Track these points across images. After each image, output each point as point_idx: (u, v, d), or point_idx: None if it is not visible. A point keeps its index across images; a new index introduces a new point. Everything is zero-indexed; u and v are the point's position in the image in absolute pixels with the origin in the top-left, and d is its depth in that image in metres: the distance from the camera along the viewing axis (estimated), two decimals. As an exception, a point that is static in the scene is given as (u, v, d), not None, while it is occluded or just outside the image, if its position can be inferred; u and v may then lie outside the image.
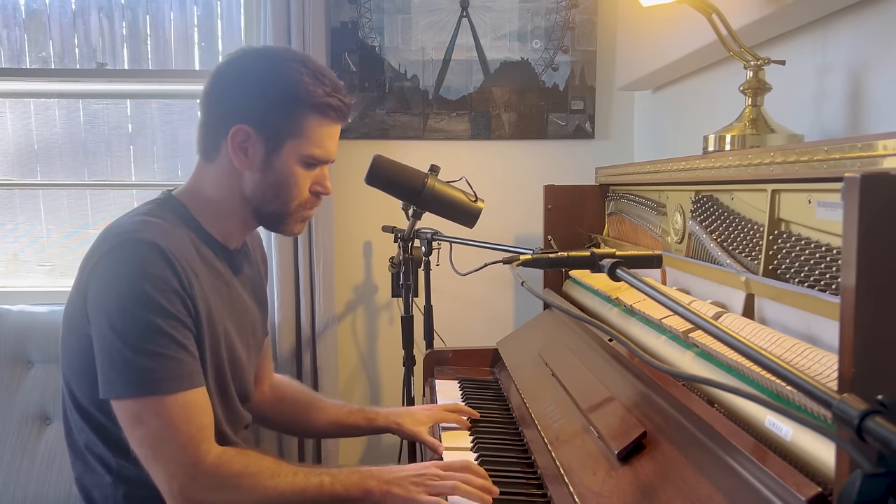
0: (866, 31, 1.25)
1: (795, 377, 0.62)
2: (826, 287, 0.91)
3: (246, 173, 1.20)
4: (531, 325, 1.91)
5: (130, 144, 2.52)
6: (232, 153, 1.18)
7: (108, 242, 1.11)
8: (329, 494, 1.12)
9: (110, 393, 1.08)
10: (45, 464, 2.04)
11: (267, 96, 1.16)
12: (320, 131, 1.20)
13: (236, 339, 1.26)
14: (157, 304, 1.07)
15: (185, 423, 1.08)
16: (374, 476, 1.14)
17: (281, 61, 1.18)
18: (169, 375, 1.07)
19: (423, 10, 2.40)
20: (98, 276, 1.10)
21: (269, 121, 1.17)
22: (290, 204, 1.23)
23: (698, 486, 0.87)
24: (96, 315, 1.09)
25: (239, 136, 1.17)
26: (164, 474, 1.08)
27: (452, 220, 1.85)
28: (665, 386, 1.08)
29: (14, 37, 2.43)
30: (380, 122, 2.44)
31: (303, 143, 1.19)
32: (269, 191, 1.21)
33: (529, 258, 1.10)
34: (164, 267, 1.08)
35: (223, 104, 1.19)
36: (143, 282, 1.07)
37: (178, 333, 1.09)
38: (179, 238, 1.15)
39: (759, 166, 1.06)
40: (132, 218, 1.16)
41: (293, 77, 1.16)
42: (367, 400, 2.54)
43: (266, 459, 1.14)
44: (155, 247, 1.08)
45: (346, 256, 2.47)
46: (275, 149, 1.18)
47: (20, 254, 2.51)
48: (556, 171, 2.45)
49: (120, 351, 1.06)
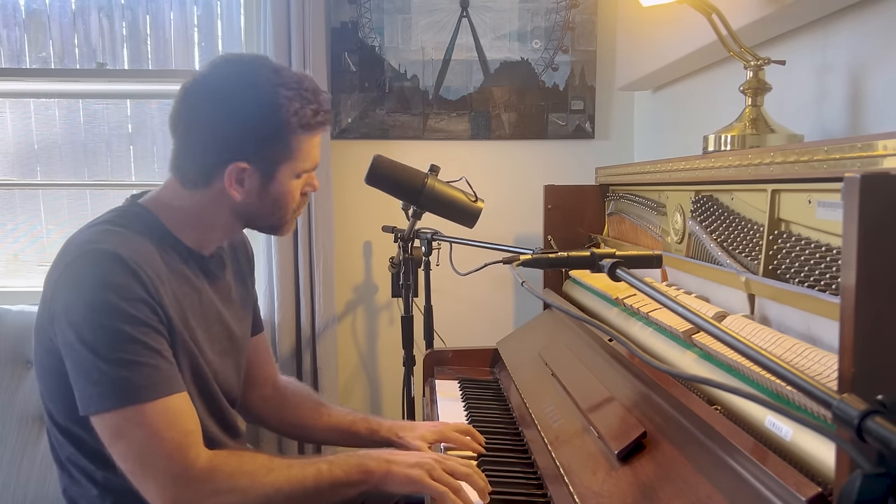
0: (866, 31, 1.25)
1: (795, 377, 0.62)
2: (826, 287, 0.91)
3: (241, 201, 1.18)
4: (531, 325, 1.91)
5: (130, 144, 2.52)
6: (228, 188, 1.16)
7: (69, 255, 1.09)
8: (329, 481, 1.10)
9: (88, 408, 1.04)
10: (45, 464, 2.04)
11: (258, 131, 1.14)
12: (309, 146, 1.20)
13: (206, 345, 1.22)
14: (125, 313, 1.04)
15: (168, 430, 1.04)
16: (373, 457, 1.13)
17: (261, 87, 1.14)
18: (146, 383, 1.04)
19: (423, 10, 2.40)
20: (62, 290, 1.07)
21: (263, 153, 1.16)
22: (286, 216, 1.24)
23: (698, 486, 0.87)
24: (64, 330, 1.05)
25: (235, 173, 1.15)
26: (154, 488, 1.04)
27: (452, 220, 1.85)
28: (665, 386, 1.08)
29: (14, 37, 2.43)
30: (380, 122, 2.44)
31: (296, 163, 1.19)
32: (266, 209, 1.21)
33: (529, 258, 1.10)
34: (127, 276, 1.05)
35: (210, 139, 1.15)
36: (107, 292, 1.04)
37: (150, 340, 1.06)
38: (141, 246, 1.12)
39: (759, 166, 1.06)
40: (92, 228, 1.14)
41: (281, 104, 1.14)
42: (368, 400, 2.54)
43: (259, 457, 1.12)
44: (116, 256, 1.06)
45: (346, 256, 2.47)
46: (271, 175, 1.18)
47: (20, 254, 2.51)
48: (556, 171, 2.45)
49: (93, 363, 1.03)
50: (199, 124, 1.15)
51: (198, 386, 1.19)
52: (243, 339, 1.37)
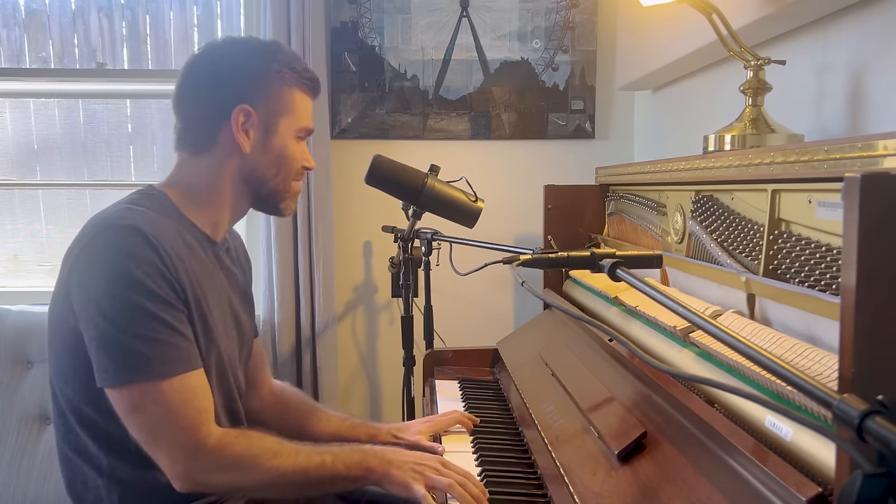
0: (866, 31, 1.25)
1: (795, 377, 0.61)
2: (826, 287, 0.91)
3: (247, 155, 1.22)
4: (531, 325, 1.91)
5: (130, 144, 2.52)
6: (236, 135, 1.20)
7: (90, 233, 1.11)
8: (331, 473, 1.14)
9: (106, 381, 1.07)
10: (45, 464, 2.04)
11: (256, 77, 1.21)
12: (304, 105, 1.26)
13: (220, 327, 1.25)
14: (146, 288, 1.06)
15: (183, 407, 1.07)
16: (375, 455, 1.16)
17: (258, 45, 1.27)
18: (164, 360, 1.07)
19: (423, 10, 2.40)
20: (82, 265, 1.09)
21: (264, 100, 1.21)
22: (288, 179, 1.27)
23: (698, 486, 0.87)
24: (84, 305, 1.07)
25: (241, 116, 1.20)
26: (167, 458, 1.08)
27: (452, 220, 1.85)
28: (665, 386, 1.08)
29: (14, 37, 2.43)
30: (380, 122, 2.44)
31: (294, 119, 1.25)
32: (271, 167, 1.25)
33: (529, 258, 1.09)
34: (148, 251, 1.08)
35: (213, 93, 1.21)
36: (130, 265, 1.06)
37: (169, 317, 1.08)
38: (164, 225, 1.15)
39: (759, 166, 1.06)
40: (115, 208, 1.16)
41: (274, 58, 1.23)
42: (368, 400, 2.54)
43: (268, 439, 1.14)
44: (138, 231, 1.08)
45: (346, 256, 2.47)
46: (271, 127, 1.23)
47: (20, 254, 2.51)
48: (556, 171, 2.45)
49: (113, 337, 1.05)
50: (200, 87, 1.22)
51: (214, 364, 1.21)
52: (248, 331, 1.39)
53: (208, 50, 1.25)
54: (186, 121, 1.24)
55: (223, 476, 1.10)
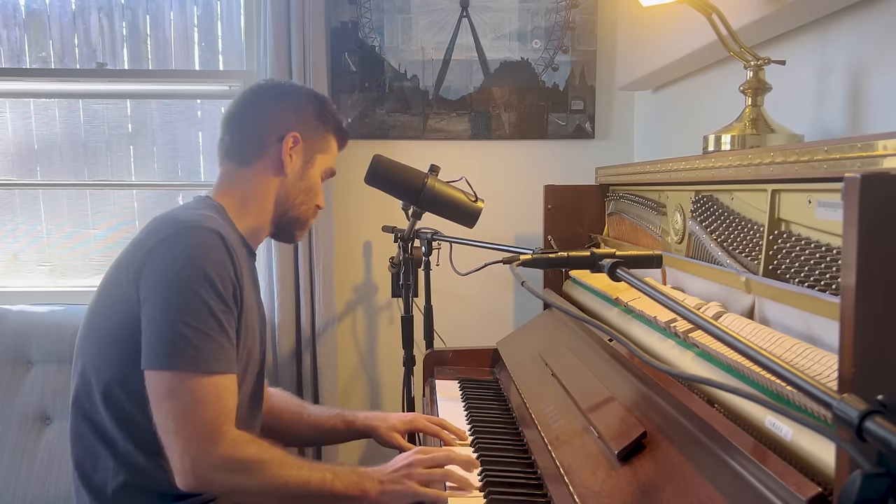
0: (866, 31, 1.25)
1: (795, 377, 0.62)
2: (826, 287, 0.91)
3: (285, 178, 1.35)
4: (531, 325, 1.91)
5: (130, 144, 2.52)
6: (284, 155, 1.34)
7: (171, 227, 1.19)
8: (329, 490, 1.18)
9: (152, 363, 1.13)
10: (45, 464, 2.04)
11: (313, 115, 1.39)
12: (335, 151, 1.45)
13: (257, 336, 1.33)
14: (215, 287, 1.15)
15: (214, 403, 1.14)
16: (370, 478, 1.21)
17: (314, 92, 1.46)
18: (211, 356, 1.14)
19: (423, 10, 2.40)
20: (160, 254, 1.16)
21: (312, 136, 1.38)
22: (311, 210, 1.42)
23: (698, 486, 0.87)
24: (153, 289, 1.15)
25: (290, 141, 1.34)
26: (180, 448, 1.12)
27: (452, 220, 1.85)
28: (665, 386, 1.08)
29: (14, 37, 2.43)
30: (380, 122, 2.44)
31: (328, 159, 1.42)
32: (301, 195, 1.39)
33: (529, 258, 1.09)
34: (225, 254, 1.18)
35: (270, 116, 1.36)
36: (208, 264, 1.15)
37: (224, 319, 1.17)
38: (229, 231, 1.24)
39: (759, 166, 1.06)
40: (190, 211, 1.25)
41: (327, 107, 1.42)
42: (368, 400, 2.54)
43: (275, 449, 1.19)
44: (218, 234, 1.18)
45: (346, 256, 2.47)
46: (310, 160, 1.39)
47: (20, 254, 2.51)
48: (556, 171, 2.45)
49: (172, 324, 1.12)
50: (264, 108, 1.37)
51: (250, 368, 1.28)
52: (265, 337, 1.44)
53: (274, 83, 1.44)
54: (241, 135, 1.36)
55: (228, 477, 1.14)
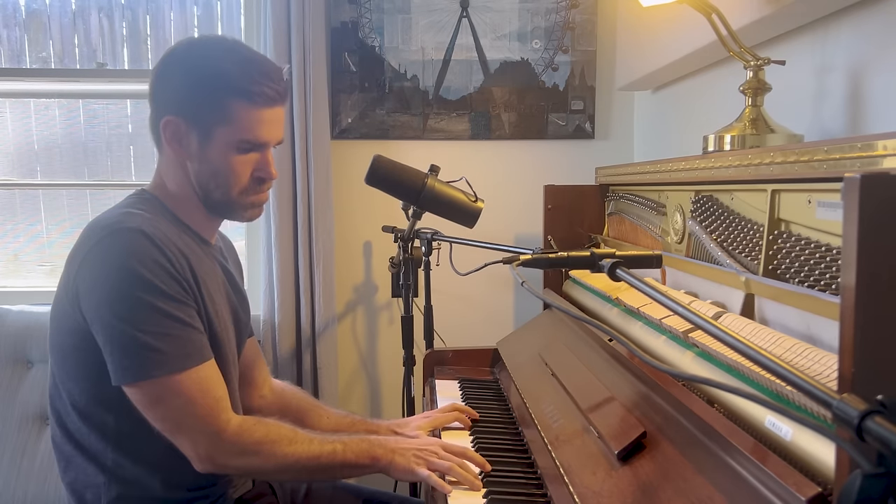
0: (866, 31, 1.25)
1: (795, 377, 0.62)
2: (826, 287, 0.91)
3: (186, 164, 1.23)
4: (531, 325, 1.91)
5: (130, 144, 2.52)
6: (167, 144, 1.22)
7: (96, 235, 1.13)
8: (341, 461, 1.20)
9: (125, 379, 1.11)
10: (45, 464, 2.04)
11: (191, 86, 1.19)
12: (248, 116, 1.19)
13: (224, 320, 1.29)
14: (156, 287, 1.11)
15: (202, 396, 1.13)
16: (381, 445, 1.23)
17: (207, 51, 1.22)
18: (179, 353, 1.12)
19: (423, 10, 2.40)
20: (89, 269, 1.12)
21: (194, 109, 1.19)
22: (232, 192, 1.23)
23: (698, 486, 0.87)
24: (96, 308, 1.11)
25: (170, 127, 1.20)
26: (189, 443, 1.14)
27: (452, 220, 1.85)
28: (665, 386, 1.08)
29: (14, 37, 2.43)
30: (380, 122, 2.44)
31: (233, 130, 1.19)
32: (210, 180, 1.22)
33: (529, 258, 1.10)
34: (154, 251, 1.12)
35: (156, 97, 1.23)
36: (138, 266, 1.10)
37: (181, 312, 1.13)
38: (162, 225, 1.19)
39: (759, 166, 1.06)
40: (115, 212, 1.20)
41: (217, 66, 1.19)
42: (368, 400, 2.54)
43: (283, 427, 1.21)
44: (143, 233, 1.12)
45: (346, 256, 2.47)
46: (206, 137, 1.20)
47: (20, 254, 2.51)
48: (556, 171, 2.45)
49: (130, 336, 1.09)
50: (153, 85, 1.24)
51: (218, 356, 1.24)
52: (244, 328, 1.41)
53: (171, 51, 1.24)
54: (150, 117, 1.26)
55: (242, 460, 1.16)
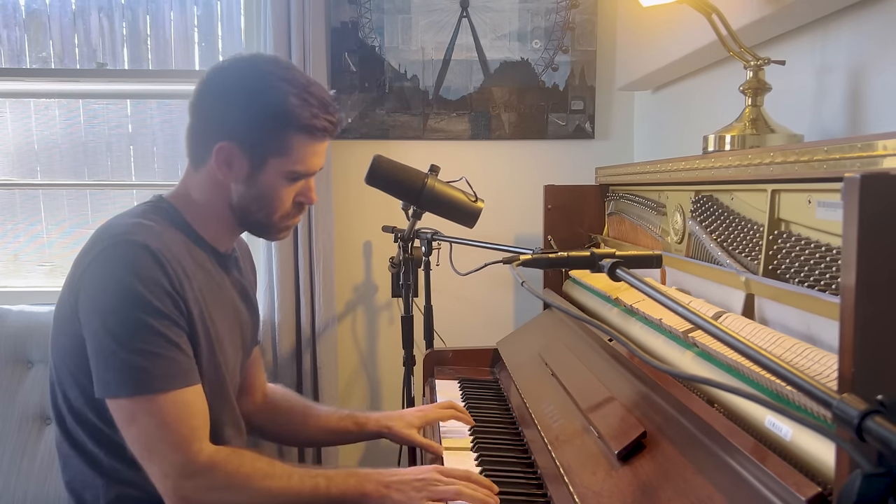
0: (866, 31, 1.25)
1: (795, 377, 0.62)
2: (826, 287, 0.91)
3: (231, 185, 1.21)
4: (531, 325, 1.91)
5: (130, 144, 2.52)
6: (216, 167, 1.19)
7: (102, 243, 1.13)
8: (324, 497, 1.12)
9: (105, 392, 1.09)
10: (45, 464, 2.04)
11: (252, 115, 1.16)
12: (304, 150, 1.20)
13: (226, 339, 1.27)
14: (150, 305, 1.08)
15: (176, 422, 1.08)
16: (371, 479, 1.13)
17: (267, 78, 1.18)
18: (162, 374, 1.08)
19: (423, 10, 2.40)
20: (90, 277, 1.11)
21: (253, 139, 1.17)
22: (273, 216, 1.24)
23: (698, 486, 0.87)
24: (89, 316, 1.10)
25: (223, 153, 1.18)
26: (159, 472, 1.09)
27: (452, 220, 1.85)
28: (665, 386, 1.08)
29: (14, 37, 2.43)
30: (380, 122, 2.44)
31: (287, 161, 1.19)
32: (253, 203, 1.22)
33: (529, 258, 1.09)
34: (155, 268, 1.10)
35: (210, 117, 1.20)
36: (136, 283, 1.08)
37: (170, 333, 1.10)
38: (172, 240, 1.17)
39: (759, 166, 1.06)
40: (126, 220, 1.18)
41: (279, 98, 1.16)
42: (367, 400, 2.54)
43: (261, 460, 1.14)
44: (146, 249, 1.10)
45: (346, 256, 2.47)
46: (259, 165, 1.19)
47: (20, 254, 2.51)
48: (556, 171, 2.45)
49: (114, 351, 1.07)
50: (206, 103, 1.20)
51: (215, 378, 1.22)
52: (251, 339, 1.41)
53: (228, 65, 1.22)
54: (191, 132, 1.23)
55: (213, 495, 1.09)
